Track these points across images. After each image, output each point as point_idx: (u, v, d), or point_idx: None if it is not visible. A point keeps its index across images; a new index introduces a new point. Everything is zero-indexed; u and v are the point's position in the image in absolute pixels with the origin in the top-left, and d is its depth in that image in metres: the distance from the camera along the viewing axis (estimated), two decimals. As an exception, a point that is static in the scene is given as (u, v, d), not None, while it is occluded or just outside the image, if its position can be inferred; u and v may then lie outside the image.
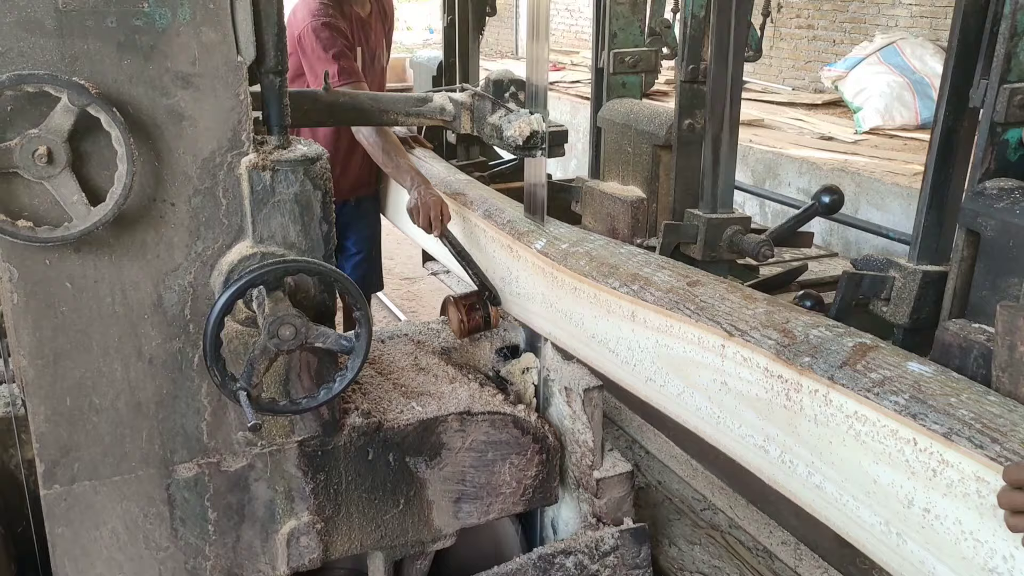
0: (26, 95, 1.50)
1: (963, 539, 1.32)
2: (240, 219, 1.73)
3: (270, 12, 1.68)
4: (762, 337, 1.65)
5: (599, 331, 2.04)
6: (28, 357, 1.67)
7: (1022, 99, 1.74)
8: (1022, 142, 1.77)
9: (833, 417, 1.50)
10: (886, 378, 1.47)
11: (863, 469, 1.46)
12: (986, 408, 1.37)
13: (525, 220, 2.44)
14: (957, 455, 1.31)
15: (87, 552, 1.82)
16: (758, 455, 1.67)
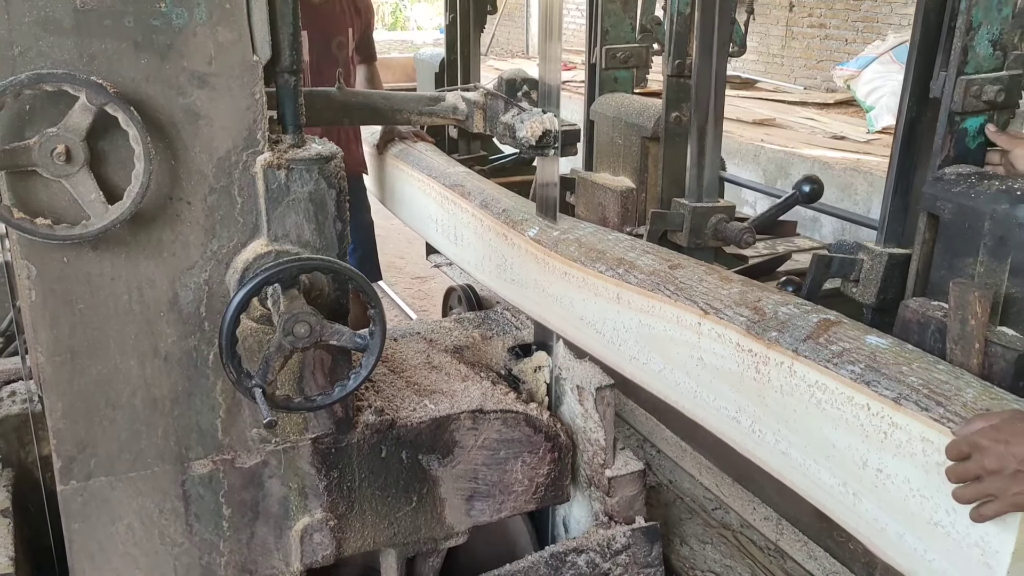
0: (45, 94, 1.51)
1: (911, 496, 1.42)
2: (255, 217, 1.74)
3: (285, 12, 1.69)
4: (735, 314, 1.75)
5: (587, 313, 2.14)
6: (46, 354, 1.68)
7: (978, 90, 1.83)
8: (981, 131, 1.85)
9: (797, 387, 1.60)
10: (845, 350, 1.57)
11: (823, 434, 1.56)
12: (934, 375, 1.48)
13: (519, 209, 2.51)
14: (905, 418, 1.42)
15: (103, 547, 1.84)
16: (731, 426, 1.78)
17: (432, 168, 3.13)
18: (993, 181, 1.81)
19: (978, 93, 1.84)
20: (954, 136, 1.88)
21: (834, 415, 1.54)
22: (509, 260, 2.49)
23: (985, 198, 1.76)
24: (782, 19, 8.59)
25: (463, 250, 2.90)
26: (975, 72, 1.84)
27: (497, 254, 2.56)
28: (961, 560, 1.37)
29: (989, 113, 1.86)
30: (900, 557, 1.49)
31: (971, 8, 1.79)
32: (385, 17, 19.75)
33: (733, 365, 1.74)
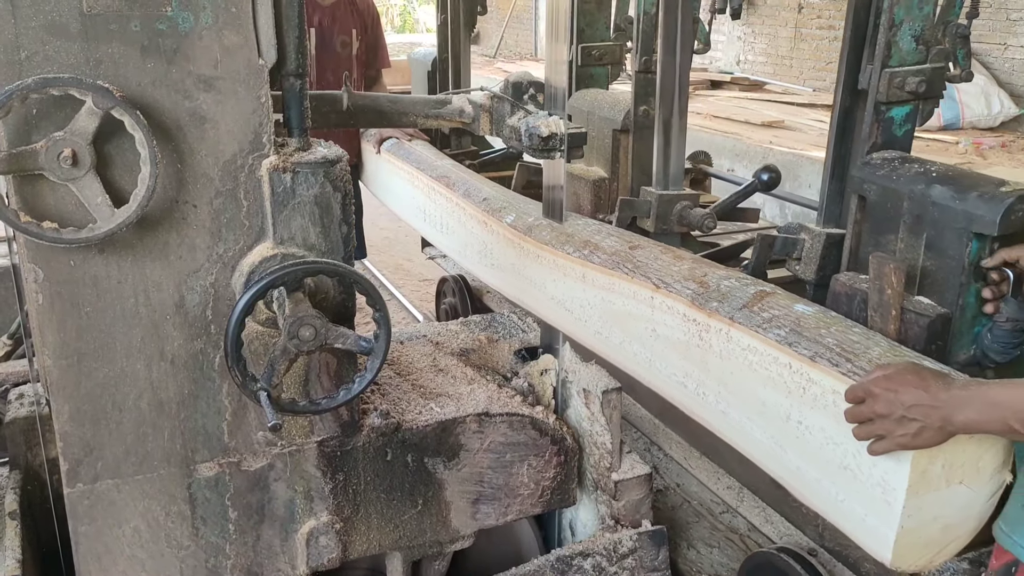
0: (51, 98, 1.52)
1: (826, 444, 1.58)
2: (261, 221, 1.74)
3: (291, 15, 1.69)
4: (682, 288, 1.91)
5: (557, 293, 2.30)
6: (52, 357, 1.69)
7: (901, 81, 1.98)
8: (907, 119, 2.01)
9: (733, 351, 1.76)
10: (775, 316, 1.74)
11: (755, 393, 1.72)
12: (848, 337, 1.64)
13: (499, 198, 2.68)
14: (819, 373, 1.58)
15: (109, 550, 1.84)
16: (679, 390, 1.94)
17: (421, 161, 3.31)
18: (913, 165, 1.95)
19: (901, 84, 1.98)
20: (881, 124, 2.02)
21: (763, 375, 1.69)
22: (489, 246, 2.62)
23: (904, 180, 1.91)
24: (791, 21, 8.57)
25: (448, 238, 3.05)
26: (899, 65, 1.97)
27: (478, 241, 2.70)
28: (866, 499, 1.52)
29: (915, 103, 1.99)
30: (819, 502, 1.65)
31: (893, 6, 1.92)
32: (394, 20, 19.80)
33: (680, 334, 1.89)
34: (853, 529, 1.60)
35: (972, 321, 1.83)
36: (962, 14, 2.07)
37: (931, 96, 2.01)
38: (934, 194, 1.84)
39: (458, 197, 2.85)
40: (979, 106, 6.47)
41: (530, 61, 12.76)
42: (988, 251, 1.79)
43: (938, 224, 1.85)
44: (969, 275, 1.81)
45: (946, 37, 2.04)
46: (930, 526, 1.50)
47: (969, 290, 1.82)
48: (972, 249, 1.80)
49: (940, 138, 6.29)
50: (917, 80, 1.97)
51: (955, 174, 1.89)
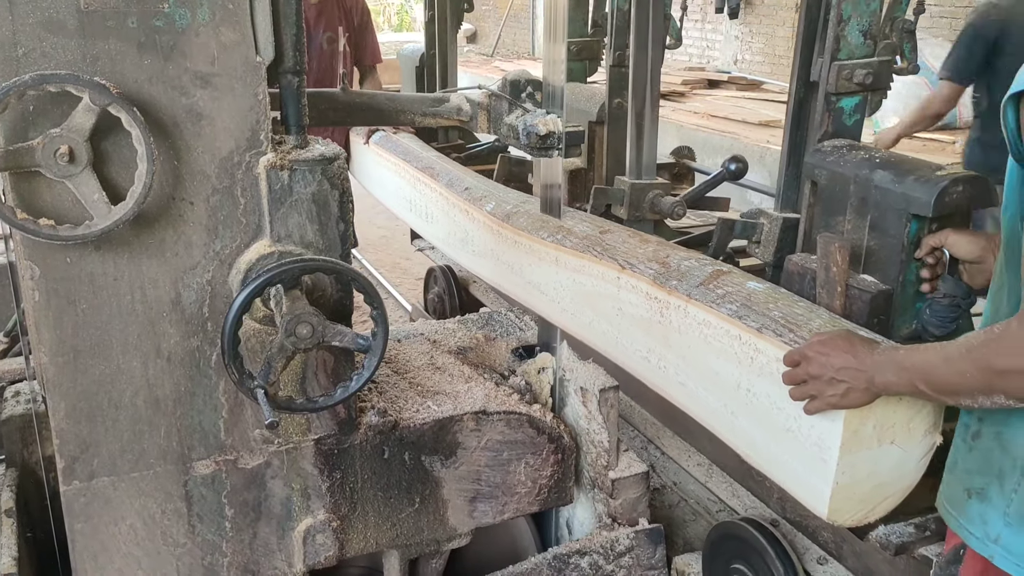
0: (48, 95, 1.52)
1: (772, 409, 1.69)
2: (258, 218, 1.74)
3: (289, 12, 1.69)
4: (646, 268, 2.02)
5: (533, 276, 2.41)
6: (49, 354, 1.68)
7: (849, 73, 2.08)
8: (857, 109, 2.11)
9: (690, 326, 1.88)
10: (728, 293, 1.85)
11: (709, 364, 1.84)
12: (793, 310, 1.76)
13: (480, 187, 2.82)
14: (765, 343, 1.69)
15: (106, 547, 1.84)
16: (642, 365, 2.06)
17: (407, 153, 3.45)
18: (860, 151, 2.05)
19: (850, 76, 2.07)
20: (831, 114, 2.12)
21: (716, 347, 1.81)
22: (471, 233, 2.75)
23: (851, 166, 2.02)
24: (788, 20, 8.57)
25: (432, 226, 3.18)
26: (848, 58, 2.07)
27: (460, 228, 2.83)
28: (806, 459, 1.64)
29: (864, 94, 2.10)
30: (766, 463, 1.77)
31: (841, 3, 2.02)
32: (391, 18, 19.79)
33: (644, 312, 2.01)
34: (795, 487, 1.71)
35: (914, 297, 1.93)
36: (909, 10, 2.16)
37: (879, 88, 2.11)
38: (876, 178, 1.94)
39: (441, 187, 2.97)
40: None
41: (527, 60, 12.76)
42: (926, 231, 1.88)
43: (880, 206, 1.95)
44: (909, 254, 1.91)
45: (893, 32, 2.13)
46: (863, 483, 1.61)
47: (909, 268, 1.92)
48: (911, 229, 1.89)
49: (937, 138, 6.30)
50: (864, 72, 2.07)
51: (896, 160, 1.99)
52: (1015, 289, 1.32)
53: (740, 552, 2.22)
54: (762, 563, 2.14)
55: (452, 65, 4.27)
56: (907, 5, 2.14)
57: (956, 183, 1.85)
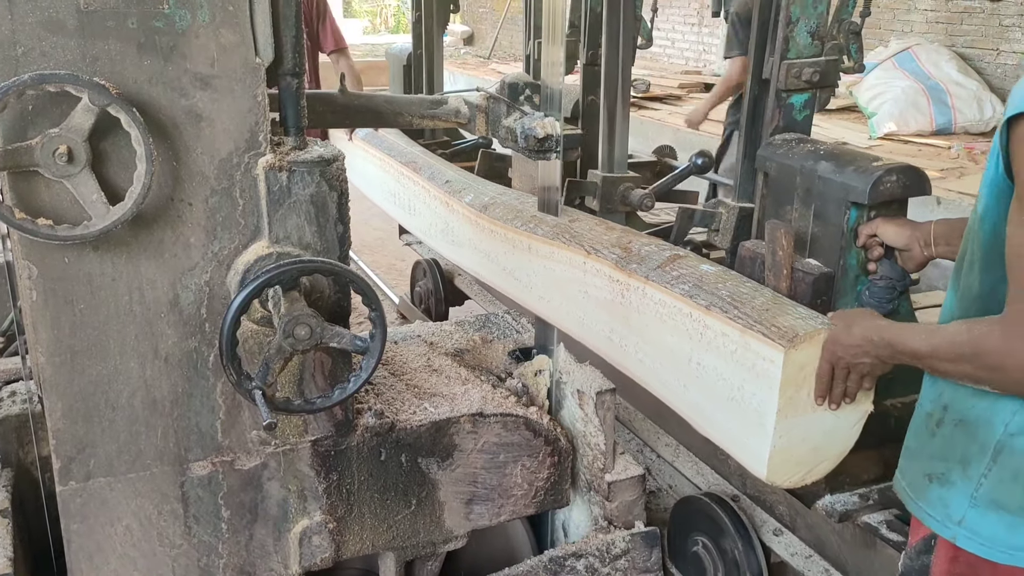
0: (47, 95, 1.52)
1: (718, 380, 1.83)
2: (256, 219, 1.74)
3: (288, 14, 1.69)
4: (609, 253, 2.14)
5: (508, 264, 2.53)
6: (46, 354, 1.68)
7: (798, 71, 2.19)
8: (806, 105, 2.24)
9: (648, 306, 2.01)
10: (682, 275, 1.97)
11: (664, 341, 1.97)
12: (740, 290, 1.88)
13: (460, 180, 2.95)
14: (713, 320, 1.83)
15: (101, 548, 1.84)
16: (606, 344, 2.18)
17: (392, 148, 3.56)
18: (806, 144, 2.17)
19: (798, 74, 2.19)
20: (782, 110, 2.24)
21: (671, 324, 1.94)
22: (451, 224, 2.88)
23: (798, 158, 2.13)
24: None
25: (415, 219, 3.32)
26: (796, 57, 2.19)
27: (441, 220, 2.96)
28: (747, 425, 1.77)
29: (812, 91, 2.22)
30: (714, 431, 1.90)
31: (789, 5, 2.15)
32: (388, 20, 19.80)
33: (607, 294, 2.13)
34: (738, 451, 1.84)
35: (855, 280, 2.04)
36: (855, 12, 2.27)
37: (826, 85, 2.24)
38: (820, 169, 2.06)
39: (424, 180, 3.10)
40: (971, 111, 6.51)
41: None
42: (865, 218, 2.00)
43: (823, 195, 2.07)
44: (849, 240, 2.02)
45: (840, 33, 2.24)
46: (799, 446, 1.74)
47: (850, 252, 2.02)
48: (851, 216, 2.01)
49: (932, 143, 6.32)
50: (812, 71, 2.19)
51: (838, 152, 2.11)
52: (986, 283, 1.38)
53: (702, 525, 2.34)
54: (722, 535, 2.25)
55: (438, 64, 4.44)
56: (853, 8, 2.25)
57: (890, 173, 1.96)
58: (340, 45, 4.83)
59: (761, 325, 1.74)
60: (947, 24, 6.97)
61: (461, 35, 13.74)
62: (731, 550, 2.25)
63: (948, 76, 6.47)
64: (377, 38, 17.41)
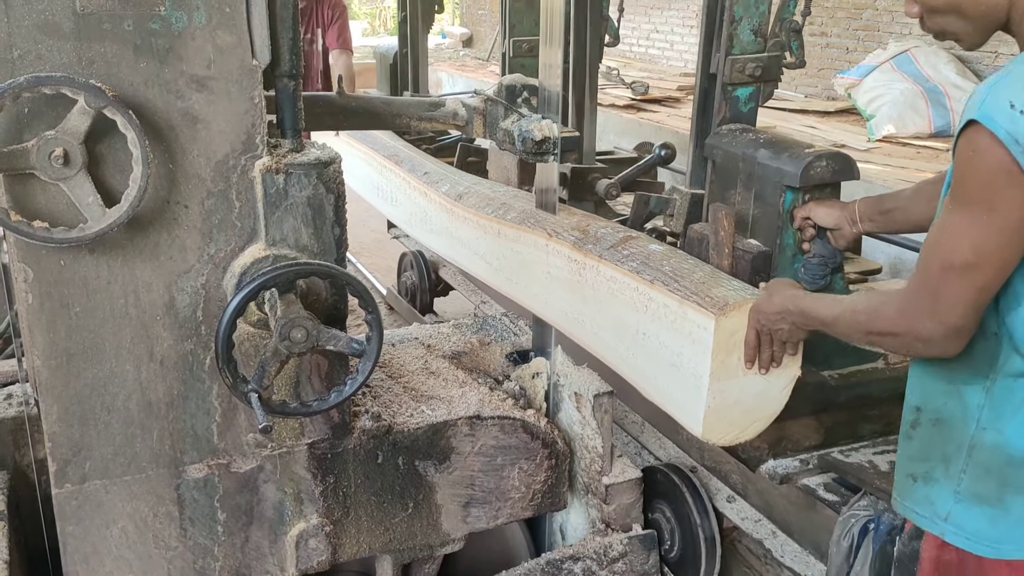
0: (43, 97, 1.51)
1: (661, 348, 1.99)
2: (253, 222, 1.74)
3: (285, 16, 1.69)
4: (568, 235, 2.29)
5: (479, 248, 2.68)
6: (42, 357, 1.68)
7: (741, 66, 2.32)
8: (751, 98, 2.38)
9: (601, 282, 2.14)
10: (632, 253, 2.13)
11: (616, 314, 2.12)
12: (682, 266, 2.04)
13: (438, 172, 3.11)
14: (656, 292, 1.98)
15: (97, 550, 1.83)
16: (564, 319, 2.33)
17: (375, 142, 3.71)
18: (748, 134, 2.31)
19: (742, 69, 2.32)
20: (728, 102, 2.37)
21: (621, 299, 2.09)
22: (429, 213, 3.05)
23: (740, 145, 2.28)
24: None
25: (397, 209, 3.48)
26: (740, 53, 2.32)
27: (420, 209, 3.13)
28: (685, 387, 1.93)
29: (756, 84, 2.37)
30: (657, 394, 2.05)
31: (733, 5, 2.28)
32: (387, 23, 19.79)
33: (566, 273, 2.28)
34: (677, 412, 2.00)
35: (791, 258, 2.18)
36: (797, 12, 2.44)
37: (770, 79, 2.40)
38: (759, 156, 2.20)
39: (404, 172, 3.27)
40: (970, 114, 6.50)
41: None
42: (800, 201, 2.14)
43: (762, 180, 2.21)
44: (785, 221, 2.16)
45: (782, 31, 2.40)
46: (732, 408, 1.89)
47: (787, 233, 2.16)
48: (786, 199, 2.15)
49: (931, 145, 6.31)
50: (754, 66, 2.33)
51: (776, 140, 2.25)
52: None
53: (662, 494, 2.44)
54: (680, 503, 2.37)
55: (423, 62, 4.67)
56: (794, 7, 2.42)
57: (820, 159, 2.11)
58: (344, 46, 5.03)
59: (697, 296, 1.89)
60: (945, 27, 6.97)
61: (460, 37, 13.73)
62: (687, 516, 2.36)
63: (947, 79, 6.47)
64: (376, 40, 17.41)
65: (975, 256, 1.28)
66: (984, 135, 1.24)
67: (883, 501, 1.89)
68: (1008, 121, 1.21)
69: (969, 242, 1.28)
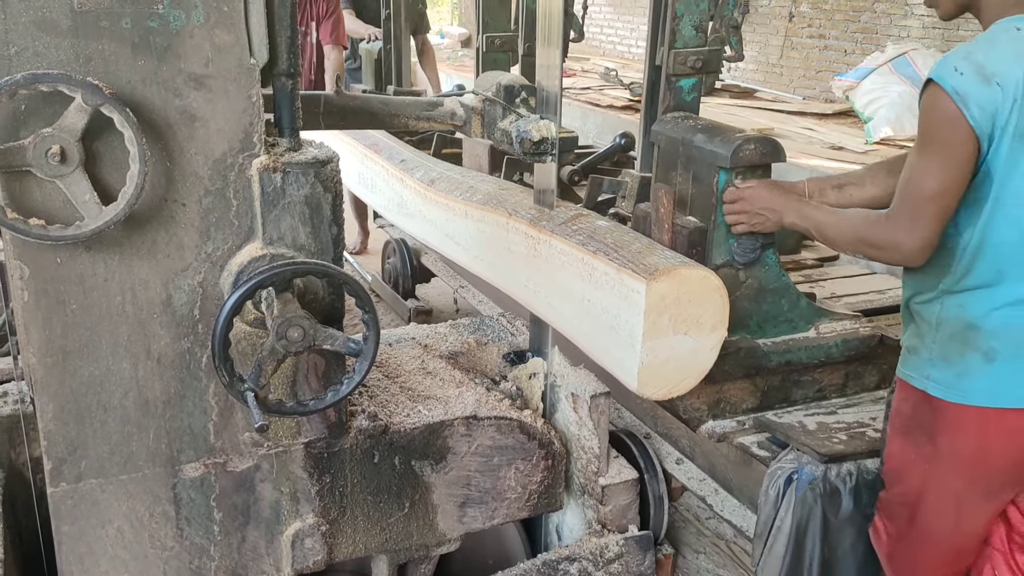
0: (40, 94, 1.51)
1: (603, 312, 2.14)
2: (250, 220, 1.74)
3: (283, 15, 1.69)
4: (526, 214, 2.43)
5: (449, 229, 2.86)
6: (37, 355, 1.67)
7: (683, 59, 2.51)
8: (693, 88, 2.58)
9: (553, 256, 2.29)
10: (580, 228, 2.27)
11: (565, 284, 2.27)
12: (623, 238, 2.19)
13: (414, 159, 3.29)
14: (598, 262, 2.12)
15: (92, 550, 1.83)
16: (523, 291, 2.48)
17: (358, 132, 3.83)
18: (689, 121, 2.49)
19: (684, 61, 2.51)
20: (672, 92, 2.56)
21: (570, 270, 2.23)
22: (405, 199, 3.23)
23: (680, 131, 2.46)
24: (781, 29, 8.61)
25: (376, 195, 3.66)
26: (683, 47, 2.50)
27: (397, 195, 3.32)
28: (622, 346, 2.08)
29: (698, 76, 2.55)
30: (601, 355, 2.20)
31: (675, 2, 2.46)
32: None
33: (523, 248, 2.42)
34: (615, 369, 2.14)
35: (726, 234, 2.35)
36: (736, 10, 2.65)
37: (710, 71, 2.60)
38: (696, 140, 2.39)
39: (383, 160, 3.45)
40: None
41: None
42: (731, 181, 2.31)
43: (699, 162, 2.39)
44: (719, 199, 2.33)
45: (722, 27, 2.61)
46: (664, 365, 2.06)
47: (720, 210, 2.34)
48: (720, 180, 2.32)
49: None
50: (695, 59, 2.51)
51: (712, 126, 2.43)
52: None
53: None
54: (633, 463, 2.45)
55: (406, 58, 4.93)
56: (733, 5, 2.63)
57: (748, 142, 2.30)
58: (338, 42, 5.24)
59: (632, 264, 2.05)
60: (944, 29, 6.98)
61: (459, 37, 13.72)
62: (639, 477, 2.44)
63: (944, 81, 6.47)
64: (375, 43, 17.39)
65: (939, 186, 1.69)
66: (937, 90, 1.65)
67: (807, 455, 2.17)
68: (953, 80, 1.63)
69: (933, 176, 1.69)
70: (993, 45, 1.67)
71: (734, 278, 2.35)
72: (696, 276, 2.03)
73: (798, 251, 3.51)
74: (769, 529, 2.18)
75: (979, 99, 1.62)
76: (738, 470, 2.49)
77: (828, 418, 2.36)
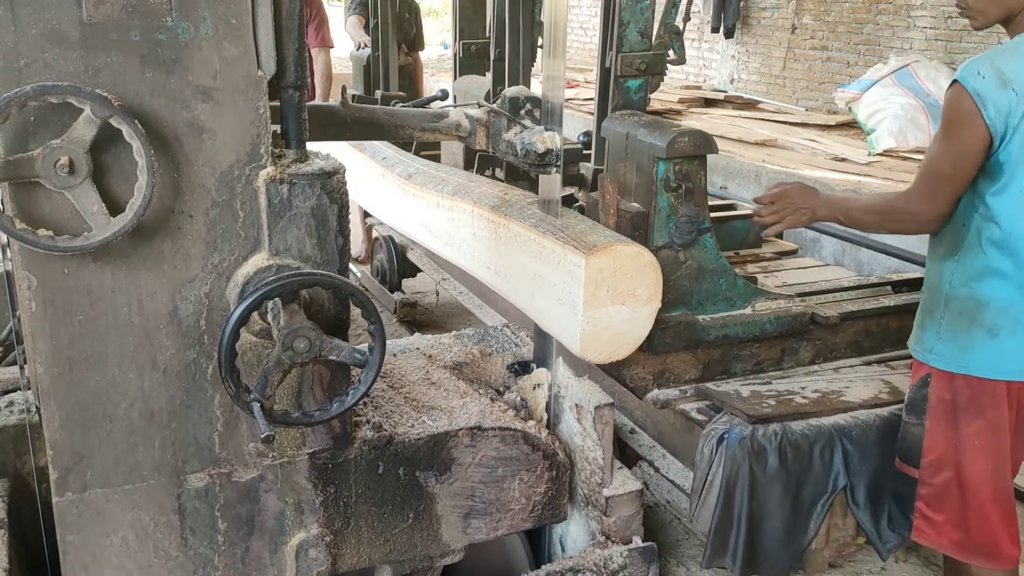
0: (49, 106, 1.52)
1: (551, 287, 2.33)
2: (257, 231, 1.74)
3: (291, 28, 1.70)
4: (489, 202, 2.63)
5: (424, 219, 3.10)
6: (44, 364, 1.68)
7: (630, 62, 2.73)
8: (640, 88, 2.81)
9: (510, 238, 2.49)
10: (533, 213, 2.46)
11: (521, 263, 2.46)
12: (570, 221, 2.38)
13: (395, 156, 3.51)
14: (547, 241, 2.31)
15: (97, 560, 1.83)
16: (487, 272, 2.70)
17: None
18: (633, 117, 2.72)
19: (631, 64, 2.74)
20: (620, 92, 2.78)
21: (524, 249, 2.42)
22: (384, 192, 3.47)
23: (625, 126, 2.69)
24: (784, 41, 8.63)
25: (360, 191, 3.79)
26: (629, 51, 2.72)
27: (378, 189, 3.54)
28: (567, 316, 2.26)
29: (644, 77, 2.78)
30: (550, 324, 2.37)
31: (621, 11, 2.69)
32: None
33: (487, 233, 2.63)
34: (561, 335, 2.32)
35: (667, 219, 2.57)
36: (678, 17, 2.88)
37: (655, 73, 2.81)
38: (638, 134, 2.62)
39: (366, 158, 3.66)
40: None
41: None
42: (671, 171, 2.53)
43: (640, 154, 2.61)
44: (659, 187, 2.55)
45: (665, 33, 2.81)
46: (604, 331, 2.24)
47: (660, 197, 2.56)
48: (659, 169, 2.54)
49: (931, 157, 6.33)
50: (640, 61, 2.74)
51: (652, 122, 2.66)
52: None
53: None
54: None
55: (393, 63, 5.11)
56: (676, 14, 2.86)
57: (683, 135, 2.52)
58: (323, 44, 5.43)
59: (575, 242, 2.23)
60: (946, 42, 7.00)
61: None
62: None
63: (947, 93, 6.48)
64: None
65: (952, 169, 1.97)
66: (960, 90, 1.91)
67: (738, 417, 2.39)
68: (975, 82, 1.89)
69: (949, 162, 1.97)
70: (1015, 55, 1.91)
71: (674, 259, 2.58)
72: (631, 252, 2.21)
73: (759, 246, 3.74)
74: (703, 484, 2.39)
75: (996, 101, 1.88)
76: (681, 436, 2.80)
77: (762, 387, 2.58)
